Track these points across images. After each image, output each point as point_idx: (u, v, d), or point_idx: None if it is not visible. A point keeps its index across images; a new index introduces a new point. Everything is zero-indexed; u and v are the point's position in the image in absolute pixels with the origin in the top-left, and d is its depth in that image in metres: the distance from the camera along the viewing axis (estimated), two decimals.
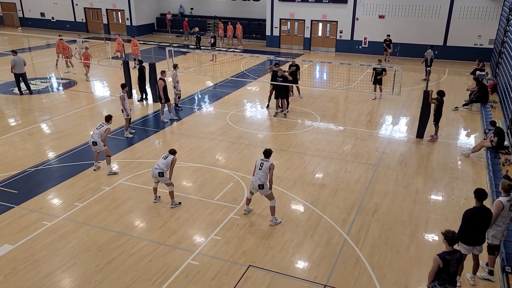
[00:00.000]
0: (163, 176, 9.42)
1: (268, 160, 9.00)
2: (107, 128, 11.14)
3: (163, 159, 9.57)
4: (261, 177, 8.86)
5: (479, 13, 25.12)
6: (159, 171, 9.38)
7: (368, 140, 13.89)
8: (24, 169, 11.60)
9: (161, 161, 9.53)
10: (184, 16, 36.08)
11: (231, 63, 25.28)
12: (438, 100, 13.49)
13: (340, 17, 28.34)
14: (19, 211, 9.56)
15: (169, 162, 9.50)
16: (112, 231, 8.86)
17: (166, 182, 9.57)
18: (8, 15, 39.22)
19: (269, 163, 8.91)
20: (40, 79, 20.54)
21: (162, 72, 15.24)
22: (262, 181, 8.86)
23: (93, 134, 11.17)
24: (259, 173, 8.88)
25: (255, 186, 8.92)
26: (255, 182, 8.92)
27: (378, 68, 17.52)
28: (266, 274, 7.70)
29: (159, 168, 9.40)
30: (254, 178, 8.96)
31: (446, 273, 5.98)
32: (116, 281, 7.48)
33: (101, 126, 11.20)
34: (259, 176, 8.87)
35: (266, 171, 8.86)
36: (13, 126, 14.93)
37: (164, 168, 9.42)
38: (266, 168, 8.85)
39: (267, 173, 8.87)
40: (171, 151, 9.71)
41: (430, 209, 9.88)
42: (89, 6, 35.88)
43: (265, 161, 8.96)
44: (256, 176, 8.91)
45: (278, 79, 15.41)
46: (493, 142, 12.07)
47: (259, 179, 8.86)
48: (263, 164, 8.89)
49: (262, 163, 8.91)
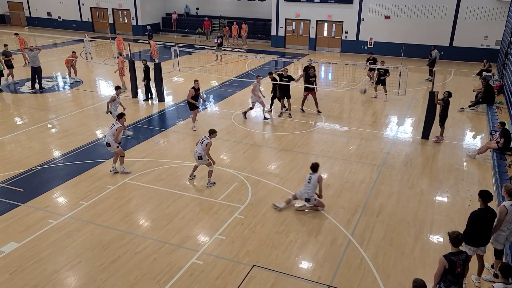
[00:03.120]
0: (201, 158, 10.54)
1: (316, 173, 9.47)
2: (118, 127, 11.08)
3: (200, 144, 10.51)
4: (309, 191, 9.43)
5: (485, 14, 24.98)
6: (197, 155, 10.53)
7: (373, 140, 13.85)
8: (30, 167, 11.67)
9: (198, 146, 10.54)
10: (190, 16, 36.16)
11: (236, 63, 25.30)
12: (444, 101, 13.43)
13: (346, 17, 28.27)
14: (25, 209, 9.62)
15: (204, 146, 10.42)
16: (117, 230, 8.90)
17: (205, 163, 10.62)
18: (15, 14, 39.47)
19: (317, 176, 9.43)
20: (47, 78, 20.66)
21: (195, 81, 14.42)
22: (310, 195, 9.44)
23: (107, 135, 11.24)
24: (308, 186, 9.42)
25: (302, 198, 9.55)
26: (302, 195, 9.53)
27: (381, 70, 17.48)
28: (270, 274, 7.70)
29: (197, 152, 10.52)
30: (303, 191, 9.53)
31: (452, 274, 5.95)
32: (120, 279, 7.52)
33: (113, 126, 11.16)
34: (307, 189, 9.44)
35: (315, 184, 9.41)
36: (19, 124, 15.03)
37: (201, 152, 10.44)
38: (315, 181, 9.40)
39: (316, 186, 9.42)
40: (210, 131, 10.67)
41: (435, 210, 9.84)
42: (95, 6, 36.03)
43: (313, 174, 9.44)
44: (305, 189, 9.48)
45: (284, 79, 15.43)
46: (499, 144, 12.00)
47: (306, 192, 9.45)
48: (311, 178, 9.40)
49: (310, 177, 9.42)
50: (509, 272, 5.72)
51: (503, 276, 5.75)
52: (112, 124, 11.30)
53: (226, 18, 33.41)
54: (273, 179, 11.15)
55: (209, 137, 10.56)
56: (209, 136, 10.61)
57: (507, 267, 5.80)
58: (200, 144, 10.51)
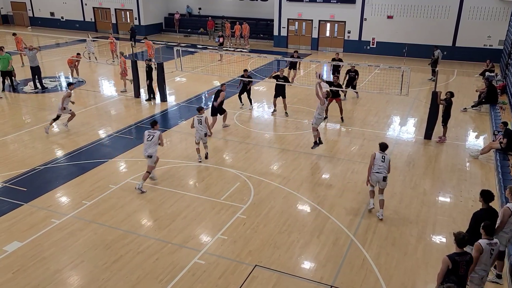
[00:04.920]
0: (205, 136, 11.91)
1: (386, 153, 9.47)
2: (159, 134, 10.40)
3: (199, 124, 11.70)
4: (384, 169, 9.29)
5: (488, 14, 24.90)
6: (204, 133, 11.83)
7: (376, 140, 13.78)
8: (33, 167, 11.71)
9: (198, 126, 11.73)
10: (192, 16, 36.20)
11: (239, 63, 25.30)
12: (447, 101, 13.40)
13: (348, 17, 28.25)
14: (28, 209, 9.65)
15: (203, 123, 11.70)
16: (120, 230, 8.92)
17: (205, 142, 12.07)
18: (18, 14, 39.58)
19: (389, 156, 9.53)
20: (50, 78, 20.72)
21: (222, 85, 14.62)
22: (386, 173, 9.31)
23: (147, 147, 10.30)
24: (382, 165, 9.29)
25: (379, 179, 9.29)
26: (379, 175, 9.27)
27: (351, 73, 17.56)
28: (272, 274, 7.70)
29: (203, 131, 11.79)
30: (377, 171, 9.28)
31: (455, 274, 5.94)
32: (123, 279, 7.53)
33: (152, 136, 10.35)
34: (382, 169, 9.28)
35: (387, 164, 9.35)
36: (22, 124, 15.08)
37: (204, 129, 11.77)
38: (388, 160, 9.37)
39: (388, 165, 9.37)
40: (198, 108, 11.99)
41: (438, 211, 9.82)
42: (98, 6, 36.11)
43: (385, 154, 9.41)
44: (380, 168, 9.27)
45: (280, 80, 15.48)
46: (503, 144, 11.97)
47: (383, 171, 9.27)
48: (385, 157, 9.35)
49: (384, 156, 9.34)
50: (492, 230, 6.33)
51: (486, 233, 6.30)
52: (148, 134, 10.39)
53: (229, 18, 33.43)
54: (275, 179, 11.15)
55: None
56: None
57: (489, 226, 6.31)
58: (199, 124, 11.68)
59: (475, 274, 6.42)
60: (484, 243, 6.29)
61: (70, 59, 20.57)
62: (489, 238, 6.35)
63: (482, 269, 6.39)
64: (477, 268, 6.37)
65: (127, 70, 18.57)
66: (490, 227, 6.36)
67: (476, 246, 6.30)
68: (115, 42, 24.51)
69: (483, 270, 6.39)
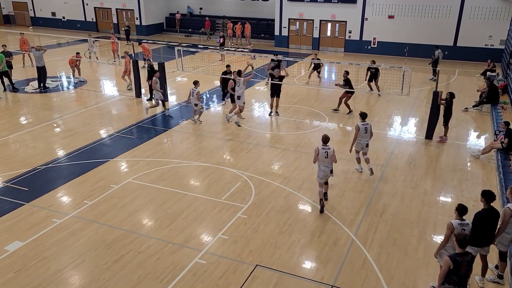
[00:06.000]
0: (197, 105, 14.56)
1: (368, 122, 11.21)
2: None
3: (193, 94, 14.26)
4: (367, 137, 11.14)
5: (490, 14, 24.87)
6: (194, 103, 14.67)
7: (377, 140, 13.81)
8: (34, 167, 11.73)
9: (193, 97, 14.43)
10: (193, 15, 36.20)
11: (240, 62, 25.29)
12: (447, 101, 13.39)
13: (349, 17, 28.23)
14: (29, 209, 9.67)
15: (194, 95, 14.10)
16: (121, 229, 8.93)
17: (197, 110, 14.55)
18: (19, 14, 39.64)
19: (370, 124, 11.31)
20: (51, 78, 20.75)
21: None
22: (369, 140, 11.18)
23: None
24: (365, 135, 11.06)
25: (363, 145, 11.15)
26: (364, 142, 11.10)
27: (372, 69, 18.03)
28: (273, 273, 7.71)
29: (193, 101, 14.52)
30: (361, 140, 11.07)
31: (457, 275, 5.93)
32: (124, 278, 7.54)
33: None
34: (366, 137, 11.09)
35: (370, 132, 11.11)
36: (24, 124, 15.10)
37: (195, 101, 14.50)
38: (370, 129, 11.12)
39: (370, 132, 11.20)
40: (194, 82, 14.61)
41: (439, 211, 9.81)
42: (99, 6, 36.15)
43: (367, 124, 11.11)
44: (364, 137, 11.06)
45: (275, 79, 15.47)
46: (504, 144, 11.95)
47: (367, 139, 11.11)
48: (367, 127, 11.04)
49: (366, 127, 11.07)
50: (464, 211, 6.70)
51: (459, 214, 6.72)
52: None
53: (230, 18, 33.44)
54: (276, 179, 11.16)
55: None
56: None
57: (463, 208, 6.71)
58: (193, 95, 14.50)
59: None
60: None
61: (71, 59, 20.62)
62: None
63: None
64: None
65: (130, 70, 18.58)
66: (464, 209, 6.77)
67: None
68: (117, 42, 24.54)
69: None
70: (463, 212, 6.69)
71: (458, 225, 6.64)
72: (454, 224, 6.63)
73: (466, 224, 6.70)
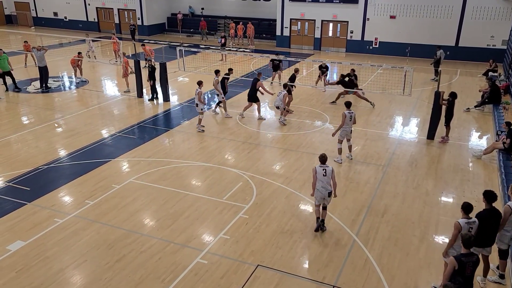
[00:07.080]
0: (198, 106, 14.17)
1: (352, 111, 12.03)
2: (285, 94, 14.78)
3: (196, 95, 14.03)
4: (351, 124, 11.98)
5: (491, 14, 24.83)
6: (195, 103, 14.30)
7: (378, 141, 13.82)
8: (36, 166, 11.75)
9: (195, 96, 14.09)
10: (195, 16, 36.22)
11: (241, 62, 25.31)
12: (449, 101, 13.37)
13: (351, 17, 28.22)
14: (31, 208, 9.69)
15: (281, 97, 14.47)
16: (122, 229, 8.94)
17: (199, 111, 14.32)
18: (21, 14, 39.74)
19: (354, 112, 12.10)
20: (53, 78, 20.79)
21: (259, 73, 16.01)
22: (351, 128, 12.07)
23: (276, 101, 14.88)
24: (350, 123, 11.83)
25: (348, 132, 11.95)
26: (348, 129, 11.94)
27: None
28: (274, 274, 7.71)
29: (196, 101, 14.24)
30: (346, 128, 11.85)
31: (462, 275, 5.90)
32: (125, 278, 7.55)
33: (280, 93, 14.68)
34: (350, 124, 11.89)
35: (353, 119, 11.94)
36: (26, 124, 15.14)
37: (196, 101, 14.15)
38: (354, 117, 11.92)
39: (354, 119, 11.99)
40: (198, 82, 14.26)
41: (441, 211, 9.80)
42: (101, 6, 36.20)
43: (352, 112, 11.88)
44: (348, 125, 11.82)
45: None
46: (506, 144, 11.92)
47: (350, 126, 11.96)
48: (352, 116, 11.80)
49: (351, 116, 11.80)
50: (469, 208, 6.71)
51: (465, 212, 6.73)
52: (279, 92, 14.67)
53: (231, 18, 33.46)
54: (277, 179, 11.16)
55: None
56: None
57: (468, 205, 6.72)
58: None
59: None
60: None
61: (73, 59, 20.66)
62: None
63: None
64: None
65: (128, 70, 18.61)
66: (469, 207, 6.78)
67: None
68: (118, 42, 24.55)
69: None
70: (468, 210, 6.70)
71: (465, 224, 6.65)
72: (461, 223, 6.64)
73: (472, 222, 6.71)
